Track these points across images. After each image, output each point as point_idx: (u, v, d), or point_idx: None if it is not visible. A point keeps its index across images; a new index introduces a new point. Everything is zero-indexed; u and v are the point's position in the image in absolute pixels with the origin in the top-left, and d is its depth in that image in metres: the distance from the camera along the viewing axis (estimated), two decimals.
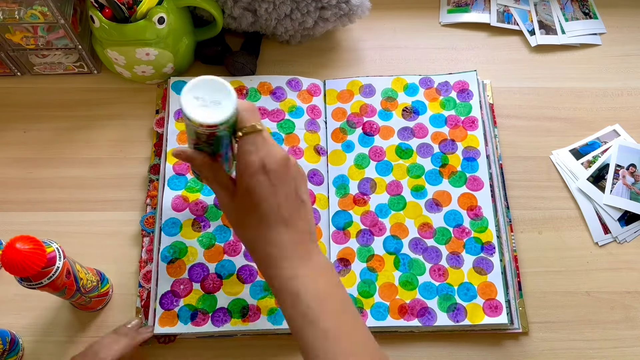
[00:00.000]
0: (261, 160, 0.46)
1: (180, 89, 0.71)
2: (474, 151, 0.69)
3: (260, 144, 0.47)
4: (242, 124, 0.47)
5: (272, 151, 0.47)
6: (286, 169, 0.47)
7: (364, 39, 0.79)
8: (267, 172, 0.46)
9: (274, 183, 0.47)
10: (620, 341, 0.62)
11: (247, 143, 0.47)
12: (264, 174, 0.46)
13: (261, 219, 0.47)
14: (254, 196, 0.47)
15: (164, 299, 0.61)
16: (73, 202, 0.68)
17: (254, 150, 0.46)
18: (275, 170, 0.47)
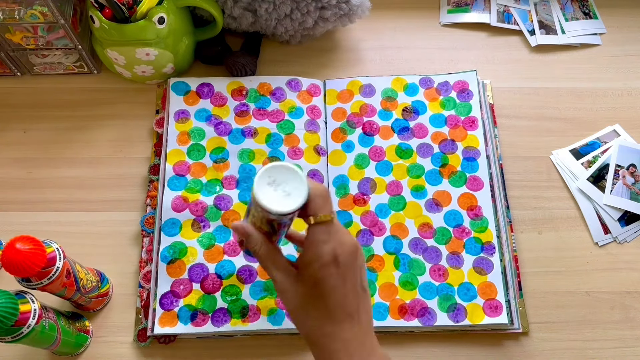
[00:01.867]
0: (333, 251, 0.44)
1: (181, 89, 0.71)
2: (474, 151, 0.69)
3: (333, 234, 0.45)
4: (315, 211, 0.45)
5: (344, 240, 0.45)
6: (355, 260, 0.46)
7: (364, 39, 0.79)
8: (338, 264, 0.45)
9: (344, 275, 0.45)
10: (620, 341, 0.62)
11: (319, 232, 0.45)
12: (335, 267, 0.44)
13: (327, 312, 0.45)
14: (323, 288, 0.45)
15: (164, 299, 0.61)
16: (73, 202, 0.68)
17: (326, 240, 0.45)
18: (346, 261, 0.45)
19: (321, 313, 0.45)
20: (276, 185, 0.44)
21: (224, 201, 0.65)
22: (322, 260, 0.44)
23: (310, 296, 0.46)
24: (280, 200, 0.44)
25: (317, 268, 0.45)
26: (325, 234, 0.45)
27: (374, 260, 0.64)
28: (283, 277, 0.47)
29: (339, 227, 0.46)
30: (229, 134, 0.69)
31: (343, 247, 0.45)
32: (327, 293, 0.45)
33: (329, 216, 0.45)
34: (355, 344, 0.45)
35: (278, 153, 0.68)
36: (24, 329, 0.48)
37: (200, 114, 0.70)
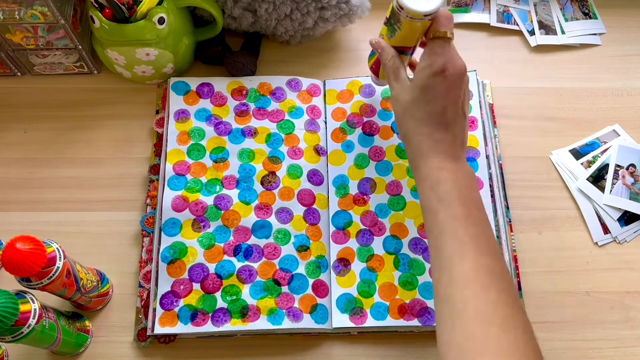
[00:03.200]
0: (444, 64, 0.51)
1: (181, 89, 0.71)
2: (473, 151, 0.69)
3: (447, 50, 0.52)
4: (438, 27, 0.52)
5: (455, 59, 0.52)
6: (461, 80, 0.53)
7: (364, 39, 0.79)
8: (445, 76, 0.51)
9: (449, 87, 0.52)
10: (620, 341, 0.62)
11: (437, 45, 0.52)
12: (442, 77, 0.51)
13: (427, 114, 0.53)
14: (428, 93, 0.52)
15: (164, 299, 0.61)
16: (73, 202, 0.68)
17: (440, 53, 0.52)
18: (452, 76, 0.52)
19: (422, 114, 0.53)
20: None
21: (224, 201, 0.65)
22: (432, 68, 0.52)
23: (416, 100, 0.53)
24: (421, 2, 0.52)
25: (426, 75, 0.52)
26: (441, 48, 0.52)
27: (373, 260, 0.64)
28: (400, 86, 0.56)
29: (454, 49, 0.53)
30: (229, 133, 0.69)
31: (453, 64, 0.52)
32: (431, 99, 0.52)
33: (448, 34, 0.52)
34: (445, 146, 0.52)
35: (278, 153, 0.68)
36: (24, 329, 0.48)
37: (200, 113, 0.70)
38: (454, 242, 0.48)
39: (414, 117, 0.54)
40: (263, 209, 0.65)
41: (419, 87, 0.53)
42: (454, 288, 0.46)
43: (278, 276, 0.62)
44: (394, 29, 0.57)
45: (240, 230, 0.64)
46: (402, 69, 0.57)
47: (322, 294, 0.62)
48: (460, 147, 0.53)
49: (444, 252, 0.48)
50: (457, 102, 0.53)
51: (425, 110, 0.53)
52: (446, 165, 0.52)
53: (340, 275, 0.63)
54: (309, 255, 0.63)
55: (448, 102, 0.52)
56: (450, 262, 0.47)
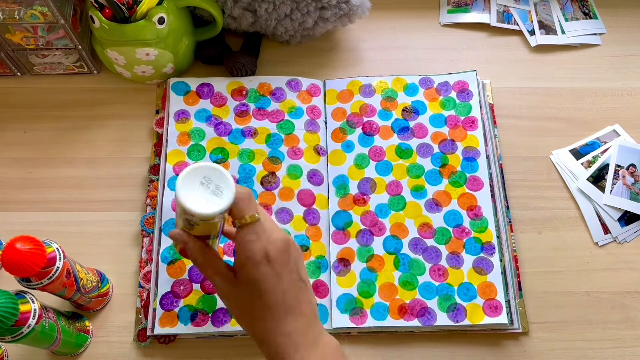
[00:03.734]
0: (263, 249, 0.46)
1: (180, 89, 0.71)
2: (473, 151, 0.69)
3: (260, 232, 0.46)
4: (241, 213, 0.46)
5: (273, 238, 0.46)
6: (287, 254, 0.47)
7: (364, 39, 0.79)
8: (269, 260, 0.46)
9: (278, 272, 0.46)
10: (620, 341, 0.62)
11: (248, 233, 0.46)
12: (267, 264, 0.46)
13: (268, 310, 0.46)
14: (259, 287, 0.46)
15: (164, 299, 0.61)
16: (73, 202, 0.68)
17: (255, 240, 0.46)
18: (277, 257, 0.46)
19: (261, 312, 0.46)
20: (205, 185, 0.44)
21: None
22: (253, 260, 0.45)
23: (249, 297, 0.47)
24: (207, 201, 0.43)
25: (250, 268, 0.46)
26: (254, 234, 0.46)
27: (374, 260, 0.64)
28: (222, 282, 0.48)
29: (268, 225, 0.47)
30: (229, 134, 0.69)
31: (273, 244, 0.46)
32: (264, 291, 0.46)
33: (254, 217, 0.46)
34: (299, 335, 0.46)
35: (278, 153, 0.68)
36: (24, 329, 0.48)
37: (200, 114, 0.70)
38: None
39: (254, 317, 0.47)
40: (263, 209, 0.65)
41: (245, 282, 0.46)
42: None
43: None
44: (190, 224, 0.46)
45: None
46: (215, 261, 0.49)
47: (322, 294, 0.62)
48: (315, 323, 0.48)
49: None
50: (292, 281, 0.47)
51: (262, 305, 0.46)
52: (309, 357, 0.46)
53: (340, 276, 0.63)
54: (309, 256, 0.63)
55: (284, 286, 0.46)
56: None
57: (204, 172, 0.44)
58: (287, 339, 0.46)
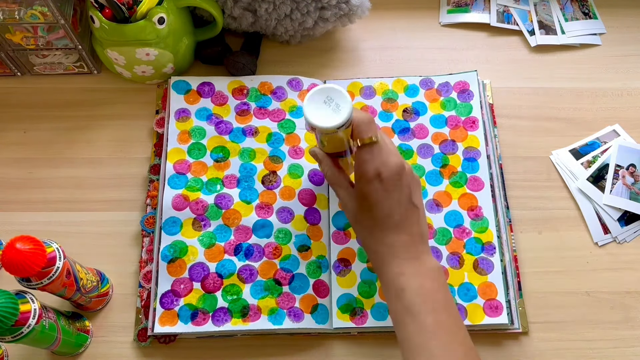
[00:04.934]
0: (376, 169, 0.50)
1: (181, 88, 0.71)
2: (474, 151, 0.69)
3: (376, 154, 0.51)
4: (360, 135, 0.51)
5: (388, 160, 0.51)
6: (399, 177, 0.51)
7: (364, 39, 0.79)
8: (381, 180, 0.51)
9: (387, 189, 0.51)
10: (620, 341, 0.62)
11: (364, 152, 0.51)
12: (378, 182, 0.51)
13: (375, 221, 0.52)
14: (369, 201, 0.51)
15: (164, 298, 0.60)
16: (73, 202, 0.67)
17: (369, 159, 0.51)
18: (388, 177, 0.51)
19: (371, 222, 0.52)
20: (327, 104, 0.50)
21: (225, 200, 0.65)
22: (366, 176, 0.51)
23: (361, 208, 0.53)
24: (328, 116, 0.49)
25: (363, 184, 0.51)
26: (369, 154, 0.51)
27: None
28: (345, 194, 0.55)
29: (386, 148, 0.52)
30: (230, 133, 0.69)
31: (387, 166, 0.51)
32: (374, 205, 0.51)
33: (372, 139, 0.51)
34: (400, 248, 0.51)
35: (279, 152, 0.68)
36: (24, 329, 0.48)
37: (201, 113, 0.70)
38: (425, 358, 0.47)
39: (363, 226, 0.53)
40: (264, 208, 0.65)
41: (359, 196, 0.53)
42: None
43: (279, 276, 0.62)
44: (320, 141, 0.55)
45: (241, 230, 0.64)
46: (341, 177, 0.56)
47: (322, 294, 0.62)
48: (420, 243, 0.52)
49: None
50: (401, 201, 0.52)
51: (371, 216, 0.52)
52: (406, 269, 0.50)
53: (340, 276, 0.63)
54: (310, 255, 0.63)
55: (392, 203, 0.51)
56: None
57: (327, 92, 0.50)
58: (389, 249, 0.51)
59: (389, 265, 0.51)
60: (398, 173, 0.51)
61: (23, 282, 0.50)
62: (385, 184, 0.51)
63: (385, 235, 0.52)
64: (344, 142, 0.54)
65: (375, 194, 0.51)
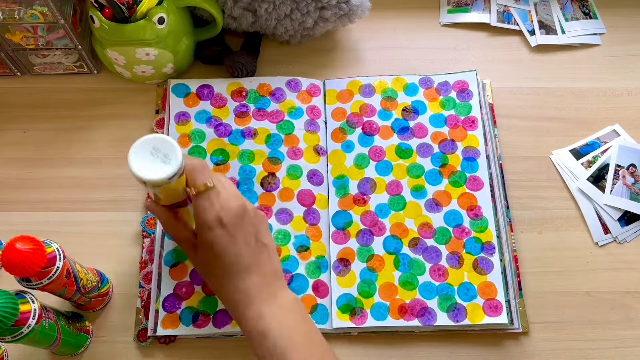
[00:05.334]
0: (217, 215, 0.49)
1: (181, 91, 0.71)
2: (473, 151, 0.69)
3: (214, 200, 0.49)
4: (195, 182, 0.50)
5: (227, 204, 0.50)
6: (241, 219, 0.50)
7: (364, 39, 0.79)
8: (223, 225, 0.49)
9: (231, 234, 0.50)
10: (620, 341, 0.62)
11: (201, 200, 0.50)
12: (220, 228, 0.49)
13: (224, 269, 0.50)
14: (215, 249, 0.50)
15: (167, 302, 0.61)
16: (73, 202, 0.68)
17: (208, 206, 0.49)
18: (230, 222, 0.49)
19: (221, 271, 0.51)
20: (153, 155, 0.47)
21: None
22: (207, 224, 0.49)
23: (208, 258, 0.51)
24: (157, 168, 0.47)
25: (205, 232, 0.50)
26: (207, 201, 0.49)
27: (374, 260, 0.64)
28: (188, 247, 0.53)
29: (224, 192, 0.50)
30: (229, 135, 0.69)
31: (226, 210, 0.49)
32: (220, 252, 0.50)
33: (207, 185, 0.49)
34: (255, 291, 0.50)
35: (278, 153, 0.68)
36: (24, 329, 0.48)
37: (200, 115, 0.70)
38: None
39: (214, 275, 0.52)
40: (263, 210, 0.65)
41: (204, 245, 0.51)
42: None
43: None
44: (153, 194, 0.52)
45: None
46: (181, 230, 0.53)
47: (322, 294, 0.62)
48: (274, 281, 0.51)
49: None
50: (248, 242, 0.51)
51: (221, 265, 0.50)
52: (265, 311, 0.49)
53: (340, 276, 0.63)
54: (309, 256, 0.63)
55: (238, 247, 0.50)
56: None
57: (153, 143, 0.48)
58: (243, 295, 0.50)
59: (246, 311, 0.49)
60: (239, 215, 0.50)
61: (23, 282, 0.50)
62: (229, 229, 0.49)
63: (238, 280, 0.50)
64: (180, 192, 0.51)
65: (219, 241, 0.49)
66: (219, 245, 0.50)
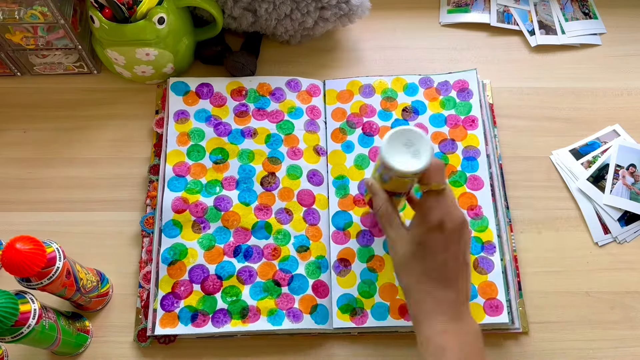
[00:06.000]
0: (441, 218, 0.49)
1: (180, 89, 0.71)
2: (474, 150, 0.69)
3: (442, 203, 0.49)
4: (430, 180, 0.49)
5: (452, 212, 0.49)
6: (460, 232, 0.50)
7: (364, 39, 0.79)
8: (443, 230, 0.49)
9: (447, 242, 0.49)
10: (620, 341, 0.62)
11: (431, 199, 0.50)
12: (439, 232, 0.49)
13: (426, 271, 0.50)
14: (426, 249, 0.49)
15: (165, 300, 0.61)
16: (73, 202, 0.68)
17: (435, 207, 0.49)
18: (451, 230, 0.49)
19: (421, 270, 0.50)
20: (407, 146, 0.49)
21: (224, 202, 0.65)
22: (429, 224, 0.49)
23: (414, 255, 0.50)
24: (407, 161, 0.48)
25: (424, 230, 0.49)
26: (436, 201, 0.49)
27: (374, 261, 0.64)
28: (396, 235, 0.52)
29: (451, 200, 0.50)
30: (229, 134, 0.69)
31: (451, 217, 0.49)
32: (429, 254, 0.49)
33: (440, 185, 0.49)
34: (448, 306, 0.49)
35: (278, 153, 0.68)
36: (24, 329, 0.48)
37: (199, 114, 0.70)
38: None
39: (413, 272, 0.51)
40: (263, 210, 0.65)
41: (416, 242, 0.50)
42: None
43: (278, 277, 0.62)
44: (384, 178, 0.52)
45: (240, 231, 0.64)
46: (394, 216, 0.53)
47: (322, 295, 0.62)
48: (464, 303, 0.50)
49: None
50: (457, 256, 0.50)
51: (425, 266, 0.50)
52: (449, 327, 0.48)
53: (340, 276, 0.63)
54: (309, 256, 0.63)
55: (448, 256, 0.49)
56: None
57: (409, 135, 0.49)
58: (435, 304, 0.49)
59: (432, 320, 0.49)
60: (460, 227, 0.49)
61: (23, 282, 0.50)
62: (446, 236, 0.49)
63: (434, 288, 0.49)
64: (408, 184, 0.52)
65: (433, 244, 0.49)
66: (431, 248, 0.49)
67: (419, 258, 0.50)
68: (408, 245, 0.51)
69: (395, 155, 0.49)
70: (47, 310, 0.52)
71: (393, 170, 0.48)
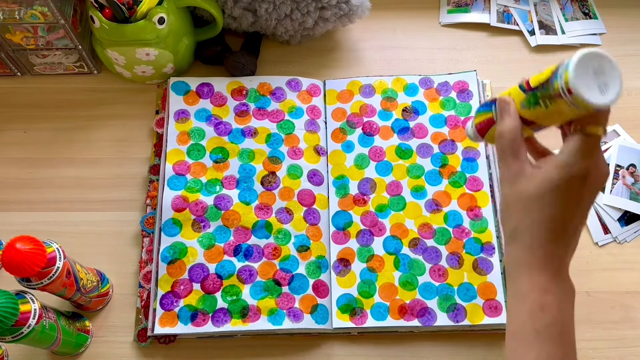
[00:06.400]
0: (587, 168, 0.42)
1: (180, 89, 0.71)
2: (473, 151, 0.69)
3: (594, 151, 0.43)
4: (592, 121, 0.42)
5: (601, 165, 0.43)
6: (597, 190, 0.44)
7: (364, 39, 0.79)
8: (584, 182, 0.43)
9: (582, 195, 0.43)
10: (620, 341, 0.62)
11: (585, 143, 0.42)
12: (580, 181, 0.42)
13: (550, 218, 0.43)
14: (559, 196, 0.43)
15: (164, 299, 0.61)
16: (73, 202, 0.68)
17: (587, 154, 0.42)
18: (593, 184, 0.43)
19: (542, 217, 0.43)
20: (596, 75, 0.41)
21: (224, 201, 0.65)
22: (573, 170, 0.42)
23: (541, 197, 0.43)
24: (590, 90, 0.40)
25: (564, 174, 0.42)
26: (590, 148, 0.42)
27: (374, 261, 0.64)
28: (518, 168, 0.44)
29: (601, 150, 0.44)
30: (229, 133, 0.69)
31: (598, 171, 0.43)
32: (560, 203, 0.43)
33: (600, 131, 0.42)
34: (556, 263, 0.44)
35: (278, 153, 0.68)
36: (24, 329, 0.48)
37: (200, 113, 0.70)
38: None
39: (531, 215, 0.44)
40: (263, 209, 0.65)
41: (546, 181, 0.43)
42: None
43: (278, 276, 0.62)
44: (537, 102, 0.43)
45: (240, 231, 0.64)
46: (523, 147, 0.45)
47: (322, 294, 0.62)
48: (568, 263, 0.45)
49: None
50: (584, 214, 0.44)
51: (549, 213, 0.43)
52: (552, 287, 0.44)
53: (340, 276, 0.63)
54: (309, 256, 0.63)
55: (576, 212, 0.43)
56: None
57: (602, 63, 0.42)
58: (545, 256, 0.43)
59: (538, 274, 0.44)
60: (602, 185, 0.44)
61: (23, 282, 0.50)
62: (585, 188, 0.43)
63: (550, 239, 0.43)
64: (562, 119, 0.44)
65: (570, 193, 0.42)
66: (564, 196, 0.42)
67: (547, 203, 0.43)
68: (537, 184, 0.43)
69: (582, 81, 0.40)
70: (47, 310, 0.52)
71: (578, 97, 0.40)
